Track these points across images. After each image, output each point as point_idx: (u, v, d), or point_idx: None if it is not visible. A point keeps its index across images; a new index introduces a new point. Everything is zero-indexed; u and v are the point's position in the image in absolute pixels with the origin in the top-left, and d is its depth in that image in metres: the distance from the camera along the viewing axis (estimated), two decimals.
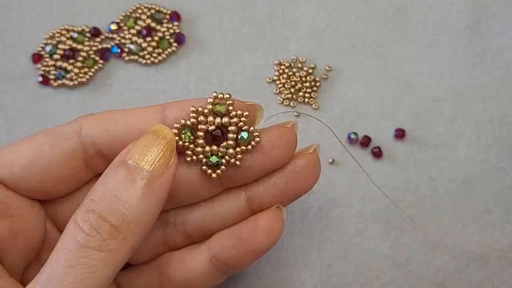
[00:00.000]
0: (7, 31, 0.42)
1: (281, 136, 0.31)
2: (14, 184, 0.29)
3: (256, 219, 0.32)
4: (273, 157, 0.31)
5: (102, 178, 0.28)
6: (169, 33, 0.42)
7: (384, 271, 0.40)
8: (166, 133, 0.29)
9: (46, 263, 0.26)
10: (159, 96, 0.41)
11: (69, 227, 0.27)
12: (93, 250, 0.26)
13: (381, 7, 0.43)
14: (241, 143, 0.30)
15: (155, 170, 0.28)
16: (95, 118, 0.31)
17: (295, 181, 0.32)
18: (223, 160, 0.31)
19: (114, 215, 0.26)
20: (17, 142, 0.30)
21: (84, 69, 0.41)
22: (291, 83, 0.42)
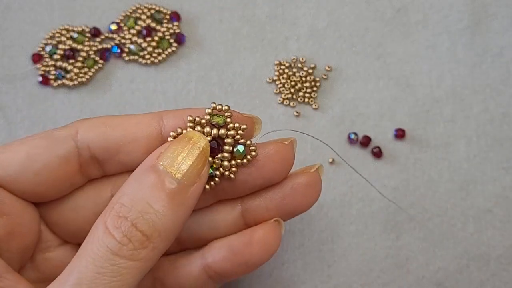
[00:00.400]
0: (7, 31, 0.42)
1: (278, 152, 0.31)
2: (8, 184, 0.29)
3: (253, 232, 0.32)
4: (268, 173, 0.31)
5: (131, 181, 0.28)
6: (169, 33, 0.42)
7: (384, 271, 0.40)
8: (201, 141, 0.29)
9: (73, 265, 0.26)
10: (159, 96, 0.41)
11: (98, 230, 0.26)
12: (124, 259, 0.26)
13: (381, 7, 0.43)
14: (237, 156, 0.30)
15: (188, 179, 0.27)
16: (91, 123, 0.31)
17: (293, 199, 0.32)
18: (217, 172, 0.30)
19: (146, 225, 0.26)
20: (13, 143, 0.30)
21: (84, 69, 0.41)
22: (291, 83, 0.42)
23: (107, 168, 0.31)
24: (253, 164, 0.31)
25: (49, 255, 0.32)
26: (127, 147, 0.30)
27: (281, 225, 0.32)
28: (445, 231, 0.40)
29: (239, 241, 0.32)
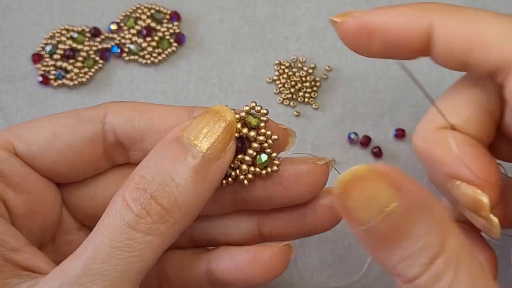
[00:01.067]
0: (7, 31, 0.42)
1: (310, 173, 0.29)
2: (31, 161, 0.29)
3: (258, 252, 0.30)
4: (295, 193, 0.29)
5: (153, 153, 0.27)
6: (169, 33, 0.42)
7: (384, 271, 0.40)
8: (227, 115, 0.27)
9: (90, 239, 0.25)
10: (159, 96, 0.41)
11: (115, 202, 0.25)
12: (141, 233, 0.25)
13: None
14: (258, 165, 0.28)
15: (212, 153, 0.26)
16: (120, 106, 0.29)
17: (314, 220, 0.30)
18: (232, 172, 0.29)
19: (167, 198, 0.25)
20: (40, 119, 0.29)
21: (84, 69, 0.41)
22: (291, 83, 0.42)
23: (132, 155, 0.30)
24: (280, 182, 0.29)
25: (69, 238, 0.31)
26: (153, 136, 0.29)
27: (291, 250, 0.31)
28: None
29: (244, 258, 0.31)
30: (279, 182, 0.29)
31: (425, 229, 0.22)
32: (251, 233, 0.32)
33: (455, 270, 0.22)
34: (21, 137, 0.29)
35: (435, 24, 0.26)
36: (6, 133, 0.29)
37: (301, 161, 0.29)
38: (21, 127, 0.29)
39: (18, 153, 0.29)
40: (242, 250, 0.31)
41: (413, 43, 0.26)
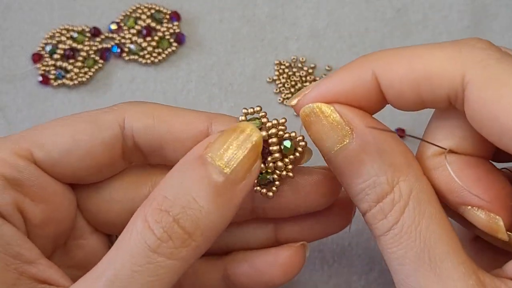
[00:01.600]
0: (7, 31, 0.42)
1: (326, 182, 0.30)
2: (50, 168, 0.28)
3: (277, 253, 0.31)
4: (312, 202, 0.30)
5: (177, 171, 0.26)
6: (169, 33, 0.42)
7: (384, 271, 0.40)
8: (253, 134, 0.26)
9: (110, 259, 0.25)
10: (159, 96, 0.41)
11: (136, 223, 0.25)
12: (163, 257, 0.24)
13: (381, 7, 0.43)
14: (287, 153, 0.28)
15: (237, 174, 0.25)
16: (139, 111, 0.29)
17: (327, 222, 0.31)
18: (274, 175, 0.28)
19: (189, 221, 0.24)
20: (57, 123, 0.29)
21: (84, 69, 0.41)
22: (291, 83, 0.42)
23: (150, 159, 0.30)
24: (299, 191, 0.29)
25: (81, 242, 0.31)
26: (172, 145, 0.29)
27: (306, 248, 0.32)
28: None
29: (263, 260, 0.31)
30: (297, 191, 0.30)
31: (375, 170, 0.25)
32: (268, 240, 0.32)
33: (402, 211, 0.25)
34: (40, 145, 0.28)
35: (377, 75, 0.26)
36: (24, 140, 0.28)
37: (317, 171, 0.30)
38: (38, 133, 0.29)
39: (37, 161, 0.28)
40: (260, 253, 0.31)
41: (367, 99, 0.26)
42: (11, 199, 0.27)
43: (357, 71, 0.26)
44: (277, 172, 0.28)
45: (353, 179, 0.26)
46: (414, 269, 0.25)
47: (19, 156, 0.28)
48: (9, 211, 0.27)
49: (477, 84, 0.23)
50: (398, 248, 0.25)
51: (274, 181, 0.29)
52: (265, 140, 0.28)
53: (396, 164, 0.26)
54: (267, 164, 0.28)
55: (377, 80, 0.26)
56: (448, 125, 0.27)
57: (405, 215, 0.25)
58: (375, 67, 0.26)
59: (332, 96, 0.27)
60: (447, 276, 0.24)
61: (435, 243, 0.25)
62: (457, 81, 0.24)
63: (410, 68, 0.25)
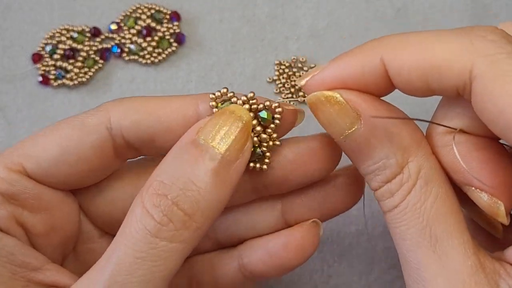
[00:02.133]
0: (7, 31, 0.42)
1: (323, 147, 0.30)
2: (42, 178, 0.28)
3: (290, 234, 0.31)
4: (311, 169, 0.30)
5: (170, 157, 0.26)
6: (169, 33, 0.42)
7: (384, 271, 0.40)
8: (243, 114, 0.27)
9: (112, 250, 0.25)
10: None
11: (135, 211, 0.25)
12: (164, 241, 0.24)
13: (381, 7, 0.43)
14: (267, 123, 0.28)
15: (231, 154, 0.26)
16: (123, 109, 0.29)
17: (335, 198, 0.31)
18: (263, 148, 0.29)
19: (189, 203, 0.25)
20: (42, 133, 0.29)
21: (84, 69, 0.41)
22: (291, 83, 0.42)
23: (144, 152, 0.30)
24: (296, 159, 0.29)
25: (91, 246, 0.31)
26: (163, 136, 0.29)
27: (319, 226, 0.31)
28: None
29: (276, 243, 0.31)
30: (294, 161, 0.29)
31: (384, 153, 0.26)
32: (277, 223, 0.32)
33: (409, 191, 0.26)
34: (29, 157, 0.28)
35: (385, 61, 0.26)
36: (14, 154, 0.28)
37: (312, 137, 0.30)
38: (27, 145, 0.29)
39: (29, 173, 0.28)
40: (272, 237, 0.31)
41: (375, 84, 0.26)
42: (8, 213, 0.27)
43: (365, 56, 0.26)
44: (263, 144, 0.29)
45: (363, 162, 0.27)
46: (415, 245, 0.25)
47: (11, 170, 0.28)
48: (7, 224, 0.27)
49: (484, 78, 0.23)
50: (401, 224, 0.26)
51: (264, 153, 0.29)
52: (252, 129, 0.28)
53: (406, 146, 0.26)
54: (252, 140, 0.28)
55: (385, 67, 0.26)
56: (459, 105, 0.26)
57: (412, 194, 0.26)
58: (383, 54, 0.26)
59: (340, 79, 0.27)
60: (446, 255, 0.25)
61: (438, 222, 0.25)
62: (465, 74, 0.24)
63: (419, 57, 0.25)
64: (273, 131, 0.29)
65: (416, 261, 0.26)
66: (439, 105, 0.28)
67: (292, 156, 0.30)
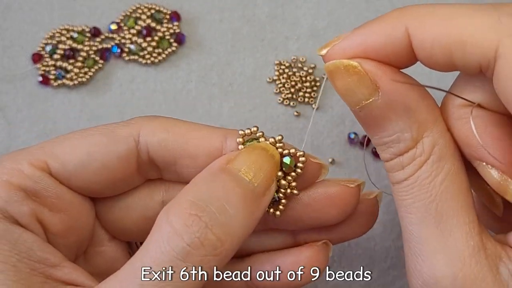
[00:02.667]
0: (7, 31, 0.42)
1: (341, 196, 0.29)
2: (66, 180, 0.29)
3: (299, 253, 0.31)
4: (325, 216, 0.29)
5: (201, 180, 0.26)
6: (169, 33, 0.42)
7: (384, 271, 0.40)
8: (274, 153, 0.27)
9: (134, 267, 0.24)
10: (159, 96, 0.41)
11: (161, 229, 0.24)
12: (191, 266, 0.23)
13: (381, 7, 0.43)
14: (288, 170, 0.28)
15: (260, 188, 0.26)
16: (154, 125, 0.29)
17: (348, 227, 0.31)
18: (279, 194, 0.28)
19: (222, 228, 0.24)
20: (72, 135, 0.29)
21: (84, 69, 0.41)
22: (291, 83, 0.42)
23: (164, 174, 0.30)
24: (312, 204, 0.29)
25: (101, 250, 0.31)
26: (186, 160, 0.29)
27: (329, 248, 0.31)
28: None
29: (285, 261, 0.30)
30: (309, 205, 0.29)
31: (400, 127, 0.26)
32: (287, 243, 0.32)
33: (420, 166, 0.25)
34: (56, 157, 0.28)
35: (410, 31, 0.25)
36: (39, 152, 0.28)
37: (332, 183, 0.29)
38: (54, 145, 0.29)
39: (53, 172, 0.28)
40: (281, 254, 0.31)
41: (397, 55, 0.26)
42: (30, 209, 0.27)
43: (390, 25, 0.26)
44: (281, 191, 0.28)
45: (377, 133, 0.26)
46: (419, 219, 0.25)
47: (35, 167, 0.28)
48: (28, 221, 0.27)
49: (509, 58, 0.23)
50: (408, 197, 0.26)
51: (280, 199, 0.29)
52: None
53: (422, 120, 0.26)
54: None
55: (409, 37, 0.25)
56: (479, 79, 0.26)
57: (423, 169, 0.26)
58: (409, 23, 0.25)
59: (362, 49, 0.26)
60: (449, 232, 0.25)
61: (446, 199, 0.25)
62: (491, 52, 0.23)
63: (444, 31, 0.24)
64: (293, 180, 0.28)
65: (418, 235, 0.26)
66: (457, 77, 0.28)
67: (308, 200, 0.29)
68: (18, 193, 0.27)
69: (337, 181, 0.30)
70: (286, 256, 0.31)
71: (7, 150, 0.40)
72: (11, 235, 0.26)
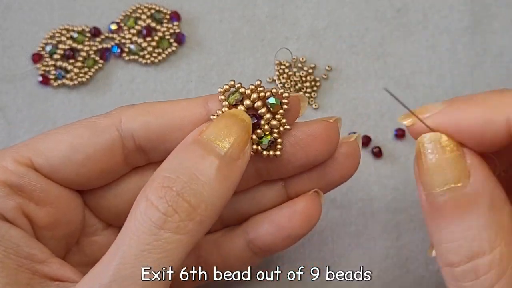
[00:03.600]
0: (7, 31, 0.42)
1: (323, 131, 0.30)
2: (50, 174, 0.29)
3: (294, 204, 0.31)
4: (312, 152, 0.30)
5: (174, 154, 0.27)
6: (169, 33, 0.42)
7: (384, 271, 0.40)
8: (244, 117, 0.28)
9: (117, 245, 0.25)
10: (159, 96, 0.41)
11: (139, 205, 0.25)
12: (169, 233, 0.24)
13: (381, 7, 0.43)
14: (274, 109, 0.29)
15: (233, 152, 0.27)
16: (134, 112, 0.29)
17: (334, 169, 0.31)
18: (274, 135, 0.29)
19: (194, 195, 0.25)
20: (56, 131, 0.29)
21: (84, 69, 0.41)
22: (291, 83, 0.42)
23: (152, 156, 0.30)
24: (298, 142, 0.30)
25: (95, 239, 0.32)
26: (173, 135, 0.29)
27: (321, 196, 0.32)
28: None
29: (281, 215, 0.31)
30: (296, 143, 0.30)
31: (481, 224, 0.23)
32: (279, 198, 0.32)
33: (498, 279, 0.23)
34: (39, 152, 0.29)
35: None
36: (23, 148, 0.29)
37: (313, 121, 0.30)
38: (38, 141, 0.29)
39: (37, 167, 0.29)
40: (277, 210, 0.32)
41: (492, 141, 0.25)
42: (15, 204, 0.28)
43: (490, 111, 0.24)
44: (274, 131, 0.29)
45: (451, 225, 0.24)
46: None
47: (19, 163, 0.28)
48: (14, 215, 0.28)
49: None
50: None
51: (275, 140, 0.30)
52: (252, 107, 0.29)
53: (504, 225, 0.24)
54: (262, 127, 0.29)
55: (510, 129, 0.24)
56: None
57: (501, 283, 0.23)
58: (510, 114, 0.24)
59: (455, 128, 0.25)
60: None
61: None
62: None
63: None
64: (282, 116, 0.29)
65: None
66: None
67: (294, 139, 0.30)
68: (3, 188, 0.28)
69: (317, 120, 0.31)
70: (282, 211, 0.32)
71: None
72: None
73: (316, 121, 0.30)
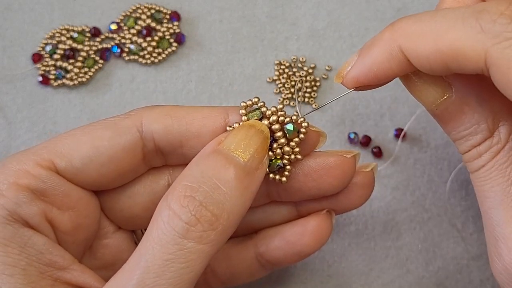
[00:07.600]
0: (7, 31, 0.42)
1: (338, 166, 0.30)
2: (72, 176, 0.29)
3: (306, 223, 0.32)
4: (324, 185, 0.30)
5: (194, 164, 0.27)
6: (169, 33, 0.42)
7: (384, 271, 0.40)
8: (263, 128, 0.28)
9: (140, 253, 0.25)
10: (159, 96, 0.41)
11: (161, 214, 0.25)
12: (192, 242, 0.25)
13: (381, 7, 0.43)
14: (291, 136, 0.29)
15: (252, 163, 0.27)
16: (156, 113, 0.30)
17: (346, 198, 0.32)
18: (284, 160, 0.30)
19: (216, 204, 0.25)
20: (74, 132, 0.29)
21: (84, 69, 0.41)
22: (291, 83, 0.42)
23: (170, 160, 0.31)
24: (311, 173, 0.30)
25: (106, 242, 0.32)
26: (191, 141, 0.29)
27: (332, 216, 0.32)
28: (445, 231, 0.40)
29: (293, 232, 0.32)
30: (309, 174, 0.30)
31: (476, 119, 0.27)
32: (291, 214, 0.33)
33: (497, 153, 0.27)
34: (61, 154, 0.28)
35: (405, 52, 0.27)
36: (44, 151, 0.29)
37: (330, 154, 0.31)
38: (59, 143, 0.29)
39: (59, 171, 0.28)
40: (288, 226, 0.32)
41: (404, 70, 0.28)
42: (39, 209, 0.28)
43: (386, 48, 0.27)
44: (285, 157, 0.29)
45: (455, 128, 0.28)
46: (497, 202, 0.27)
47: (42, 166, 0.28)
48: (37, 221, 0.27)
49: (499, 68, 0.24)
50: (486, 182, 0.27)
51: (284, 166, 0.30)
52: (269, 128, 0.29)
53: (497, 110, 0.27)
54: (274, 151, 0.29)
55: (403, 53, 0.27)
56: None
57: (499, 155, 0.27)
58: (401, 45, 0.27)
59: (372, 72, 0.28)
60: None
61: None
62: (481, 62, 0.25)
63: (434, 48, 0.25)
64: (296, 145, 0.29)
65: (497, 219, 0.27)
66: None
67: (307, 169, 0.30)
68: (26, 194, 0.27)
69: (334, 152, 0.31)
70: (294, 228, 0.32)
71: (7, 150, 0.40)
72: (21, 238, 0.27)
73: (332, 154, 0.31)
